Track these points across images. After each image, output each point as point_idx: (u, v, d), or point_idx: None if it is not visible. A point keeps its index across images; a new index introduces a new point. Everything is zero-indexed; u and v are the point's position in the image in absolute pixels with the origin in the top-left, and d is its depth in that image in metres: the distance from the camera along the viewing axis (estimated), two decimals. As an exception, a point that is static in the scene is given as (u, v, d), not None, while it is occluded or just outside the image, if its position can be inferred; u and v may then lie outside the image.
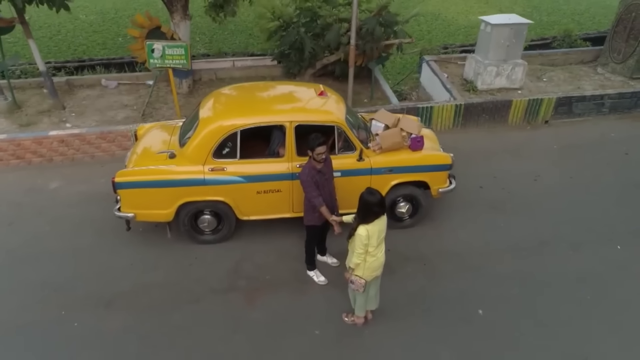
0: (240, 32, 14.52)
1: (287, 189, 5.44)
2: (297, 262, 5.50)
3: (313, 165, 4.58)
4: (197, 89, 9.16)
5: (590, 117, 9.22)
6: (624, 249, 5.80)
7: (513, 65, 8.95)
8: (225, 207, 5.49)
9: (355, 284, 4.25)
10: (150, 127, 6.41)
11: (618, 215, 6.39)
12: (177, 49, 7.02)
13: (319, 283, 5.22)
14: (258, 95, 5.89)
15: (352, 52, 7.78)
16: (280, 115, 5.30)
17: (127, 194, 5.29)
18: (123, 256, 5.60)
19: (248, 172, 5.31)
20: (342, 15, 7.89)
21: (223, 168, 5.27)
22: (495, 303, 5.00)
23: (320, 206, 4.62)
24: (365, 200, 3.94)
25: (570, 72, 10.31)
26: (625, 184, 7.12)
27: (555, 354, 4.46)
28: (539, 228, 6.13)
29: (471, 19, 16.45)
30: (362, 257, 4.08)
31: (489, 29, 8.63)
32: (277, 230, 5.97)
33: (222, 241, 5.75)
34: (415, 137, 5.74)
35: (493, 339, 4.60)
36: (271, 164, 5.37)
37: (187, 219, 5.52)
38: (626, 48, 9.79)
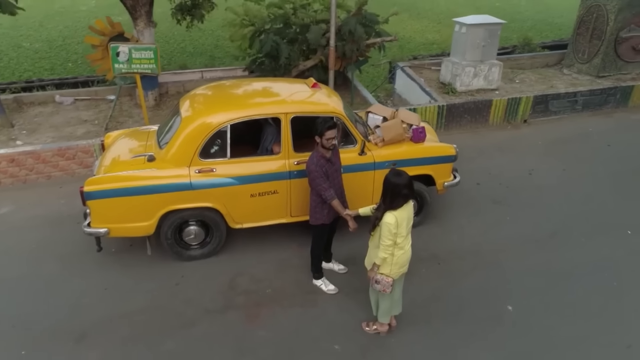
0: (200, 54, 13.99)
1: (284, 190, 4.86)
2: (300, 272, 4.88)
3: (322, 153, 4.07)
4: (164, 101, 8.48)
5: (566, 115, 9.31)
6: (635, 234, 5.61)
7: (490, 66, 8.92)
8: (215, 215, 4.82)
9: (382, 284, 3.71)
10: (119, 133, 5.68)
11: (618, 202, 6.27)
12: (146, 51, 6.39)
13: (329, 292, 4.62)
14: (246, 90, 5.34)
15: (332, 53, 7.45)
16: (274, 107, 4.78)
17: (99, 205, 4.53)
18: (94, 281, 4.77)
19: (240, 172, 4.70)
20: (320, 17, 7.57)
21: (212, 169, 4.64)
22: (522, 298, 4.59)
23: (332, 199, 4.08)
24: (392, 183, 3.46)
25: (540, 74, 10.48)
26: (616, 172, 7.09)
27: (597, 345, 4.07)
28: (545, 220, 5.87)
29: (428, 37, 16.74)
30: (389, 250, 3.55)
31: (464, 29, 8.59)
32: (273, 239, 5.34)
33: (211, 255, 5.05)
34: (417, 128, 5.36)
35: (529, 335, 4.16)
36: (266, 162, 4.80)
37: (171, 232, 4.79)
38: (590, 48, 10.07)
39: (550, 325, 4.27)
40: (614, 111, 9.58)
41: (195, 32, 15.89)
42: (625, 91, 9.59)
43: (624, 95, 9.64)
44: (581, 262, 5.11)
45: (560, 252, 5.27)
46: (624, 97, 9.65)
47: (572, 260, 5.15)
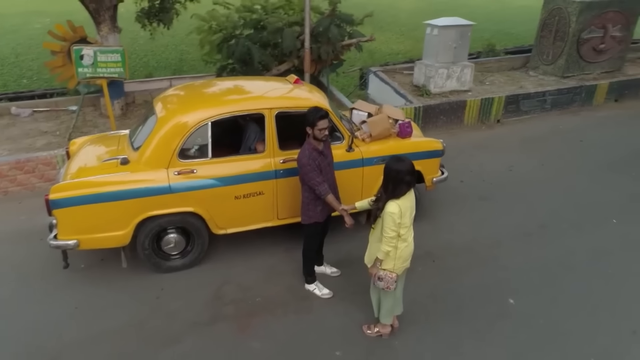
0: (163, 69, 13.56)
1: (270, 191, 4.58)
2: (290, 278, 4.58)
3: (314, 145, 3.82)
4: (131, 111, 8.03)
5: (536, 114, 9.48)
6: (620, 223, 5.63)
7: (462, 67, 9.00)
8: (197, 221, 4.47)
9: (385, 280, 3.47)
10: (86, 140, 5.25)
11: (598, 193, 6.33)
12: (112, 54, 6.00)
13: (323, 297, 4.33)
14: (226, 87, 5.05)
15: (307, 56, 7.28)
16: (257, 103, 4.52)
17: (68, 214, 4.10)
18: (63, 301, 4.30)
19: (224, 173, 4.39)
20: (293, 19, 7.40)
21: (192, 170, 4.30)
22: (522, 291, 4.46)
23: (327, 194, 3.84)
24: (394, 169, 3.25)
25: (508, 76, 10.69)
26: (592, 165, 7.21)
27: (603, 333, 3.96)
28: (533, 213, 5.83)
29: (392, 47, 16.96)
30: (393, 243, 3.33)
31: (436, 31, 8.64)
32: (258, 245, 5.02)
33: (193, 265, 4.67)
34: (404, 123, 5.22)
35: (534, 328, 4.00)
36: (251, 161, 4.51)
37: (149, 241, 4.40)
38: (554, 50, 10.36)
39: (555, 316, 4.14)
40: (580, 109, 9.84)
41: (158, 47, 15.51)
42: (589, 90, 9.89)
43: (589, 94, 9.93)
44: (574, 252, 5.05)
45: (553, 244, 5.21)
46: (589, 96, 9.94)
47: (565, 251, 5.08)
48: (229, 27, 7.51)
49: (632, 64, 11.51)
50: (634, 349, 3.80)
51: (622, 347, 3.82)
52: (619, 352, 3.77)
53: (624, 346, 3.83)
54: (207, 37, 7.59)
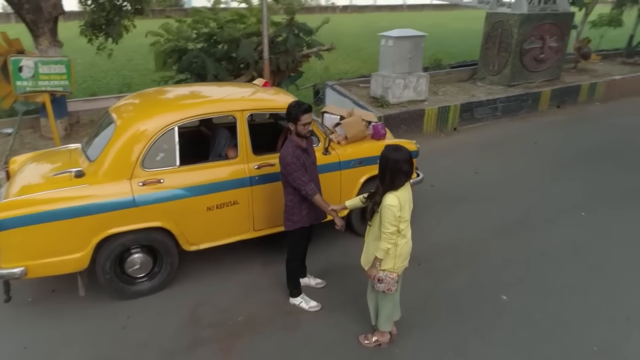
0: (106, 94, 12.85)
1: (245, 200, 4.22)
2: (272, 293, 4.21)
3: (297, 142, 3.55)
4: (75, 131, 7.37)
5: (489, 121, 9.79)
6: (588, 215, 5.75)
7: (417, 77, 9.12)
8: (165, 237, 4.02)
9: (385, 282, 3.21)
10: (29, 157, 4.66)
11: (561, 189, 6.50)
12: (56, 65, 5.45)
13: (311, 310, 3.98)
14: (192, 91, 4.70)
15: (266, 66, 7.05)
16: (227, 104, 4.20)
17: (13, 237, 3.52)
18: (7, 341, 3.66)
19: (194, 181, 3.99)
20: (250, 30, 7.17)
21: (159, 180, 3.87)
22: (513, 286, 4.35)
23: (314, 194, 3.55)
24: (392, 159, 3.04)
25: (458, 87, 11.01)
26: (549, 164, 7.47)
27: (599, 321, 3.90)
28: (507, 211, 5.85)
29: (340, 67, 17.23)
30: (393, 240, 3.09)
31: (391, 42, 8.74)
32: (231, 261, 4.62)
33: (162, 288, 4.18)
34: (377, 124, 5.08)
35: (532, 322, 3.87)
36: (223, 168, 4.15)
37: (110, 263, 3.88)
38: (499, 60, 10.82)
39: (550, 308, 4.05)
40: (527, 116, 10.29)
41: (98, 72, 14.75)
42: (535, 97, 10.38)
43: (534, 101, 10.42)
44: (554, 245, 5.06)
45: (532, 239, 5.20)
46: (535, 102, 10.43)
47: (545, 244, 5.08)
48: (181, 38, 7.15)
49: (567, 73, 12.29)
50: (633, 335, 3.75)
51: (620, 334, 3.76)
52: (619, 340, 3.71)
53: (622, 333, 3.78)
54: (158, 47, 7.17)
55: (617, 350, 3.60)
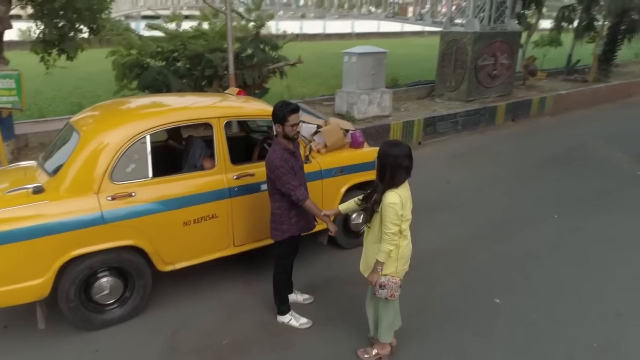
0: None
1: (225, 213, 3.93)
2: (258, 312, 3.90)
3: (284, 145, 3.34)
4: (24, 155, 6.75)
5: (451, 135, 9.99)
6: (561, 217, 5.86)
7: (381, 93, 9.21)
8: (137, 257, 3.64)
9: (388, 287, 3.01)
10: (-25, 177, 4.15)
11: (530, 194, 6.65)
12: (4, 80, 4.99)
13: (302, 327, 3.70)
14: (162, 100, 4.40)
15: (231, 81, 6.84)
16: (203, 111, 3.95)
17: (-42, 264, 3.05)
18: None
19: (169, 194, 3.67)
20: (214, 45, 6.95)
21: (130, 194, 3.52)
22: (503, 289, 4.27)
23: (305, 199, 3.33)
24: (392, 154, 2.89)
25: (419, 104, 11.24)
26: (515, 173, 7.64)
27: (592, 318, 3.88)
28: (484, 217, 5.86)
29: (298, 91, 17.30)
30: (395, 241, 2.92)
31: (354, 59, 8.80)
32: (210, 281, 4.27)
33: (135, 314, 3.76)
34: (355, 132, 4.97)
35: (530, 323, 3.79)
36: (200, 179, 3.85)
37: (75, 289, 3.44)
38: (455, 77, 11.19)
39: (544, 308, 3.99)
40: (486, 129, 10.61)
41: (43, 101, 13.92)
42: (492, 111, 10.75)
43: (492, 115, 10.78)
44: (534, 247, 5.08)
45: (512, 242, 5.21)
46: (492, 116, 10.79)
47: (526, 246, 5.10)
48: (144, 53, 6.82)
49: (517, 89, 12.91)
50: (628, 330, 3.73)
51: (616, 330, 3.73)
52: (616, 335, 3.68)
53: (617, 328, 3.75)
54: (119, 59, 6.79)
55: (616, 346, 3.56)
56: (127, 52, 7.31)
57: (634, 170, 7.66)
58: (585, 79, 14.49)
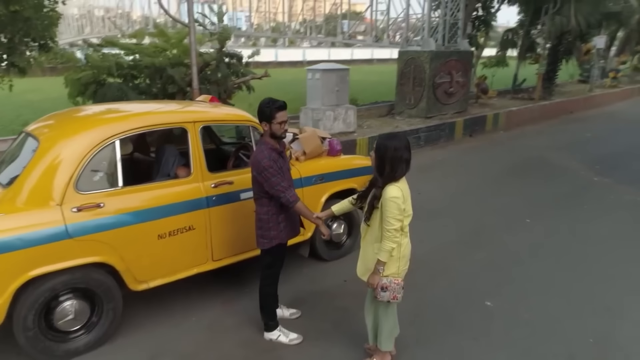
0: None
1: (202, 224, 3.64)
2: (243, 331, 3.59)
3: (272, 144, 3.13)
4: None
5: (414, 150, 9.76)
6: (533, 221, 5.96)
7: (346, 109, 9.21)
8: (105, 276, 3.26)
9: (391, 289, 2.84)
10: None
11: (500, 201, 6.75)
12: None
13: (292, 343, 3.42)
14: (132, 107, 4.07)
15: (195, 97, 6.57)
16: (177, 115, 3.69)
17: None
18: None
19: (141, 204, 3.34)
20: (175, 60, 6.66)
21: (98, 204, 3.17)
22: (492, 292, 4.20)
23: (296, 201, 3.12)
24: (390, 147, 2.79)
25: (381, 121, 11.36)
26: (482, 182, 7.78)
27: (585, 315, 3.86)
28: (461, 224, 5.86)
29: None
30: (397, 238, 2.77)
31: (318, 75, 8.79)
32: (184, 302, 3.92)
33: (104, 342, 3.33)
34: (332, 140, 4.85)
35: (524, 323, 3.72)
36: (174, 188, 3.55)
37: (34, 315, 3.01)
38: (414, 95, 11.43)
39: (535, 308, 3.94)
40: (446, 144, 10.84)
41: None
42: (451, 127, 11.02)
43: (451, 131, 11.05)
44: (514, 250, 5.10)
45: (492, 246, 5.21)
46: (451, 132, 11.06)
47: (506, 250, 5.10)
48: (102, 67, 6.44)
49: (471, 106, 13.38)
50: (619, 324, 3.73)
51: (608, 324, 3.72)
52: (609, 329, 3.66)
53: (609, 323, 3.75)
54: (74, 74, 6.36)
55: (611, 340, 3.54)
56: (82, 69, 6.90)
57: (590, 176, 8.01)
58: (531, 97, 15.29)
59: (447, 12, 11.53)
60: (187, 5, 6.09)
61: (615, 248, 5.13)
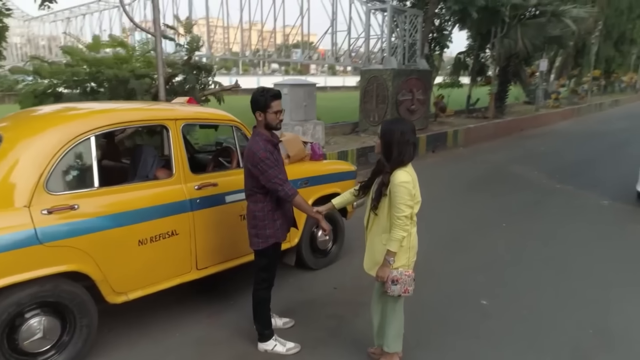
0: None
1: (186, 229, 3.36)
2: (234, 344, 3.31)
3: (267, 136, 2.95)
4: None
5: (382, 165, 10.15)
6: (509, 225, 6.03)
7: (314, 124, 9.15)
8: (78, 288, 2.90)
9: (402, 282, 2.69)
10: None
11: (473, 209, 6.82)
12: None
13: (289, 352, 3.17)
14: (106, 104, 3.76)
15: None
16: (158, 112, 3.44)
17: None
18: None
19: (120, 207, 3.03)
20: (140, 72, 6.32)
21: (72, 206, 2.84)
22: (485, 291, 4.14)
23: (295, 195, 2.93)
24: (397, 131, 2.69)
25: (347, 138, 11.37)
26: (452, 193, 7.89)
27: (576, 307, 3.86)
28: (437, 229, 5.79)
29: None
30: (407, 226, 2.65)
31: (286, 90, 8.68)
32: (165, 316, 3.59)
33: (76, 364, 2.94)
34: (314, 145, 4.72)
35: (525, 320, 3.65)
36: (156, 189, 3.27)
37: (-5, 336, 2.61)
38: (378, 112, 11.58)
39: (530, 304, 3.91)
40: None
41: None
42: (415, 142, 11.19)
43: (415, 146, 11.21)
44: (497, 252, 5.11)
45: (474, 250, 5.19)
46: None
47: (489, 252, 5.10)
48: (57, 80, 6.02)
49: (431, 124, 13.73)
50: (610, 315, 3.74)
51: (601, 316, 3.74)
52: (603, 320, 3.67)
53: (602, 314, 3.76)
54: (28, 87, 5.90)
55: (608, 330, 3.53)
56: (34, 84, 6.46)
57: (552, 184, 8.29)
58: (485, 116, 15.93)
59: (406, 33, 11.90)
60: (153, 13, 5.86)
61: (589, 247, 5.24)
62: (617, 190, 7.63)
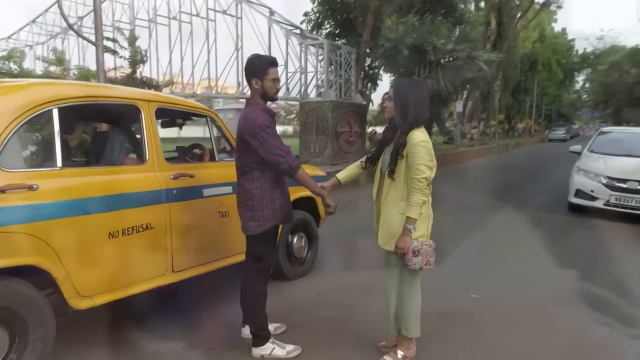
0: None
1: (161, 223, 2.91)
2: (223, 357, 2.82)
3: (264, 106, 2.69)
4: None
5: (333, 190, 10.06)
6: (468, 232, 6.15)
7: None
8: (32, 291, 2.33)
9: (424, 253, 2.49)
10: None
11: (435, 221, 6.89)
12: None
13: (290, 355, 2.77)
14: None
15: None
16: (130, 91, 3.04)
17: None
18: None
19: (88, 191, 2.55)
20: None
21: (30, 186, 2.33)
22: (472, 286, 4.07)
23: (298, 167, 2.67)
24: (412, 89, 2.60)
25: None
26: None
27: (564, 296, 3.91)
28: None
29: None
30: (427, 190, 2.49)
31: (231, 115, 8.49)
32: (137, 324, 3.00)
33: (28, 388, 2.30)
34: (285, 147, 4.49)
35: (521, 311, 3.60)
36: (128, 174, 2.82)
37: None
38: (319, 143, 11.62)
39: (521, 294, 3.92)
40: (353, 188, 10.97)
41: None
42: (357, 172, 11.32)
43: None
44: (464, 255, 5.09)
45: (455, 251, 5.12)
46: (357, 177, 11.34)
47: (472, 245, 5.40)
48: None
49: (367, 158, 14.10)
50: (590, 306, 3.82)
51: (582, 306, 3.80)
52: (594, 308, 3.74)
53: (582, 305, 3.82)
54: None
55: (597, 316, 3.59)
56: None
57: (492, 202, 8.74)
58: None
59: (341, 68, 12.32)
60: (95, 22, 5.43)
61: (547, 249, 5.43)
62: (549, 205, 8.30)
